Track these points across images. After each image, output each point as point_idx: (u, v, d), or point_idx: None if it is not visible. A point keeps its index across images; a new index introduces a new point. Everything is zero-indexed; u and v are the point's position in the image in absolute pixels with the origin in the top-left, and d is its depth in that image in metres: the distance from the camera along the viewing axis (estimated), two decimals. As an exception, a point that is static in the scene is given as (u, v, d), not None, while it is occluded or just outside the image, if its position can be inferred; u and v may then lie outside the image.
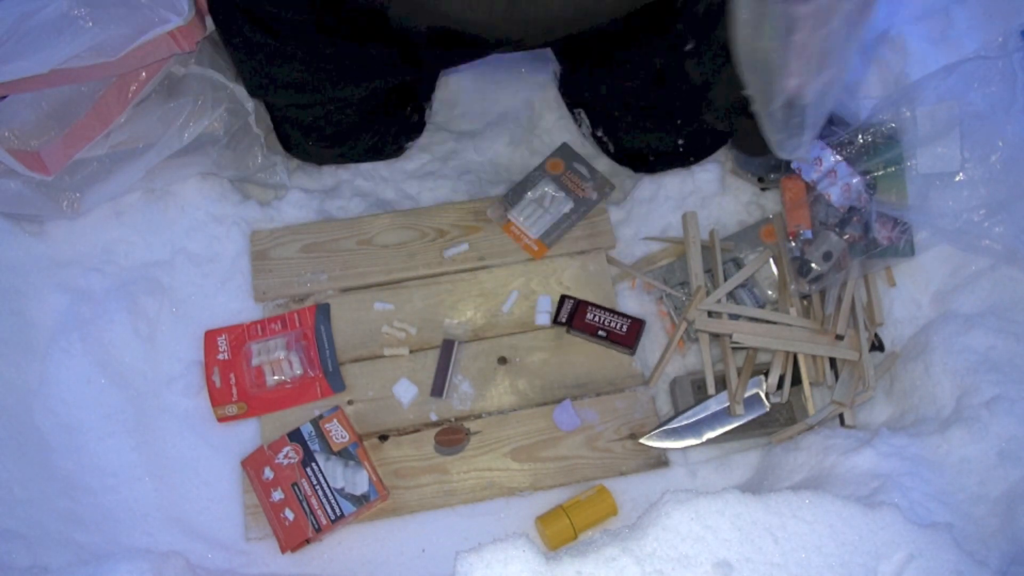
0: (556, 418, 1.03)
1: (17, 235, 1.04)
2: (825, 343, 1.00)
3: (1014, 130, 0.99)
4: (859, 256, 1.01)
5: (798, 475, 0.93)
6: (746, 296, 1.08)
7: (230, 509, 0.98)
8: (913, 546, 0.74)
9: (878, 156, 1.03)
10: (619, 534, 0.75)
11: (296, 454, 0.98)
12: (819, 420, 0.98)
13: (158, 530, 0.96)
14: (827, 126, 1.07)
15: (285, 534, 0.95)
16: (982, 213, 0.99)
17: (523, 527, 0.98)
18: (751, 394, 1.01)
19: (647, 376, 1.06)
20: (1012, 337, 0.95)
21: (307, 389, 1.03)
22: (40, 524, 0.91)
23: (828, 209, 1.04)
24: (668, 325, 1.09)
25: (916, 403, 0.97)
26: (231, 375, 1.03)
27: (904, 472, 0.85)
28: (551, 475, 1.00)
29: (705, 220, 1.13)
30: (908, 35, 1.13)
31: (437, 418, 1.03)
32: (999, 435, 0.87)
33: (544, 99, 1.24)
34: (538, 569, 0.70)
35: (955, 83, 1.00)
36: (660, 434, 1.01)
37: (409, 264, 1.11)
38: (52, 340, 1.01)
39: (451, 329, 1.08)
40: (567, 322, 1.05)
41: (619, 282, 1.11)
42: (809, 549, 0.73)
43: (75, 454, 0.97)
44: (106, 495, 0.96)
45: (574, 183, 1.15)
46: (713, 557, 0.72)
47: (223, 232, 1.11)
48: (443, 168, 1.20)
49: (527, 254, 1.12)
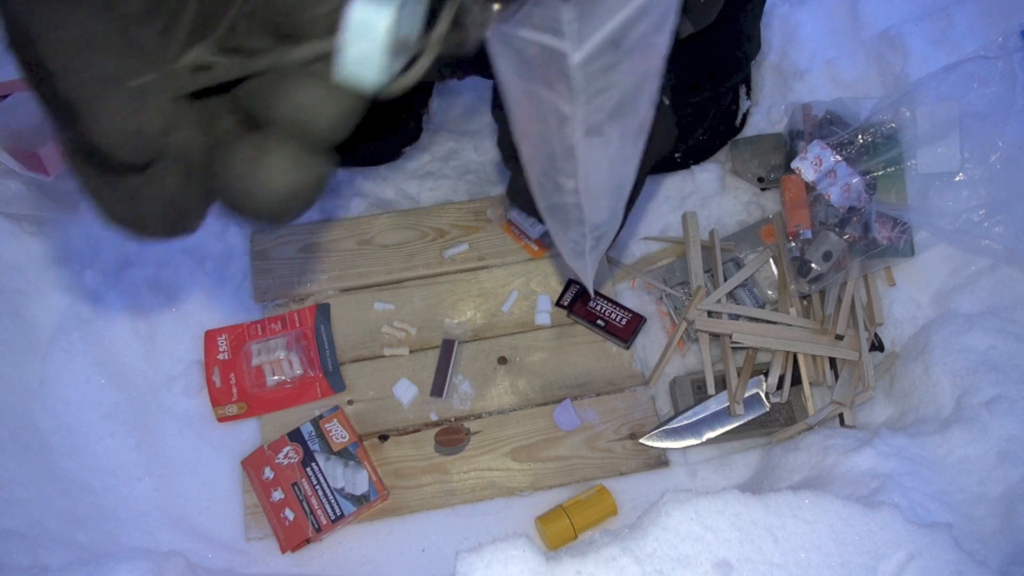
0: (556, 418, 1.03)
1: (17, 235, 1.04)
2: (825, 343, 1.00)
3: (1014, 130, 0.99)
4: (859, 256, 1.01)
5: (798, 475, 0.93)
6: (746, 296, 1.08)
7: (230, 509, 0.98)
8: (913, 546, 0.74)
9: (878, 156, 1.03)
10: (619, 534, 0.75)
11: (296, 454, 0.98)
12: (819, 420, 0.98)
13: (158, 530, 0.96)
14: (827, 126, 1.07)
15: (285, 534, 0.95)
16: (982, 213, 0.99)
17: (523, 527, 0.98)
18: (751, 394, 1.01)
19: (647, 376, 1.06)
20: (1012, 337, 0.95)
21: (307, 389, 1.03)
22: (40, 524, 0.91)
23: (828, 209, 1.04)
24: (668, 325, 1.09)
25: (916, 403, 0.97)
26: (231, 375, 1.03)
27: (904, 472, 0.85)
28: (551, 475, 1.01)
29: (705, 220, 1.13)
30: (908, 35, 1.13)
31: (437, 418, 1.03)
32: (999, 435, 0.87)
33: (544, 99, 1.24)
34: (538, 569, 0.70)
35: (955, 83, 1.00)
36: (660, 434, 1.01)
37: (409, 264, 1.11)
38: (52, 340, 1.01)
39: (451, 329, 1.08)
40: (569, 306, 1.06)
41: (619, 282, 1.11)
42: (809, 549, 0.73)
43: (75, 454, 0.97)
44: (106, 495, 0.96)
45: (574, 183, 1.14)
46: (713, 557, 0.72)
47: (223, 232, 1.11)
48: (443, 168, 1.20)
49: (527, 254, 1.12)
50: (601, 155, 0.54)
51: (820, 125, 1.08)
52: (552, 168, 0.56)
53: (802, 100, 1.13)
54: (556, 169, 0.56)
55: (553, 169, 0.56)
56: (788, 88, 1.18)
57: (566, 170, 0.55)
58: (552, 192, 0.60)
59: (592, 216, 0.62)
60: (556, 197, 0.61)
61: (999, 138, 0.99)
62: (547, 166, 0.57)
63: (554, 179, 0.58)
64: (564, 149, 0.53)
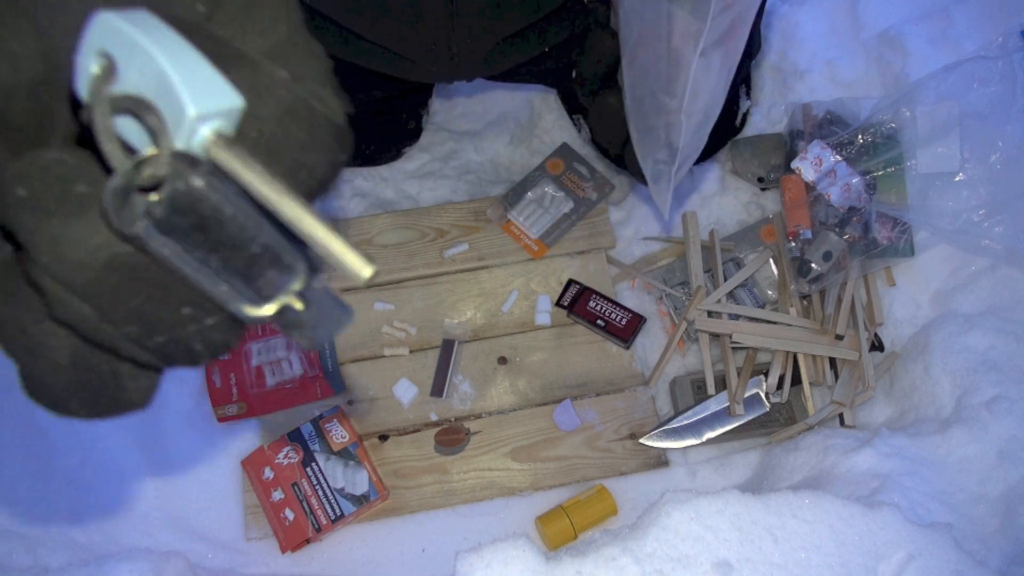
0: (556, 418, 1.03)
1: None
2: (825, 343, 1.00)
3: (1014, 130, 0.99)
4: (859, 256, 1.01)
5: (798, 475, 0.93)
6: (746, 296, 1.08)
7: (230, 509, 0.98)
8: (913, 546, 0.74)
9: (878, 156, 1.03)
10: (619, 534, 0.75)
11: (296, 454, 0.98)
12: (819, 420, 0.98)
13: (158, 530, 0.96)
14: (827, 126, 1.07)
15: (285, 534, 0.95)
16: (982, 213, 0.99)
17: (523, 527, 0.98)
18: (751, 394, 1.01)
19: (647, 376, 1.06)
20: (1012, 337, 0.95)
21: (307, 389, 1.03)
22: (40, 524, 0.92)
23: (828, 209, 1.04)
24: (668, 325, 1.09)
25: (916, 403, 0.97)
26: (231, 375, 1.03)
27: (904, 472, 0.85)
28: (551, 475, 1.01)
29: (705, 220, 1.13)
30: (908, 35, 1.13)
31: (437, 418, 1.03)
32: (999, 435, 0.87)
33: (544, 99, 1.24)
34: (538, 569, 0.70)
35: (955, 83, 1.00)
36: (660, 434, 1.01)
37: (409, 264, 1.11)
38: (52, 340, 1.01)
39: (451, 329, 1.08)
40: (569, 306, 1.06)
41: (619, 282, 1.11)
42: (809, 549, 0.73)
43: (76, 453, 0.97)
44: (106, 495, 0.96)
45: (574, 183, 1.15)
46: (713, 557, 0.72)
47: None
48: (443, 168, 1.20)
49: (527, 254, 1.12)
50: (704, 77, 0.61)
51: (820, 125, 1.08)
52: (659, 87, 0.63)
53: (802, 100, 1.13)
54: (662, 88, 0.63)
55: (660, 88, 0.63)
56: (788, 88, 1.18)
57: (672, 90, 0.62)
58: (651, 112, 0.66)
59: (685, 136, 0.68)
60: (654, 118, 0.67)
61: (999, 138, 0.99)
62: (655, 85, 0.64)
63: (658, 98, 0.64)
64: (674, 68, 0.60)
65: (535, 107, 1.24)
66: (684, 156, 0.72)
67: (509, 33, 0.90)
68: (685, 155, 0.72)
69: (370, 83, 1.01)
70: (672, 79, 0.61)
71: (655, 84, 0.64)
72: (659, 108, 0.65)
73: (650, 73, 0.64)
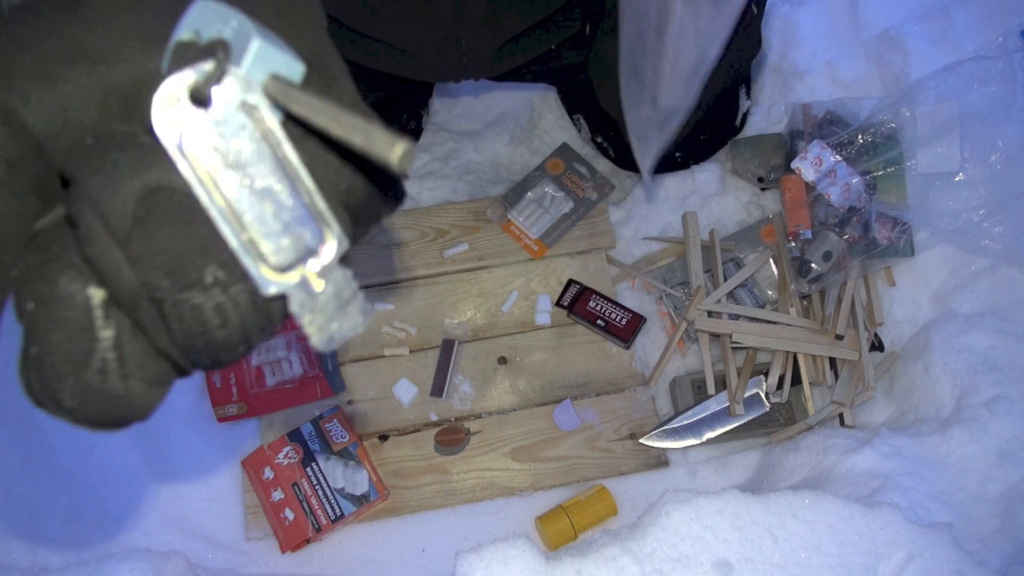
0: (556, 418, 1.03)
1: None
2: (825, 343, 1.00)
3: (1014, 130, 0.99)
4: (859, 256, 1.01)
5: (798, 475, 0.93)
6: (746, 296, 1.08)
7: (230, 509, 0.98)
8: (913, 546, 0.74)
9: (878, 156, 1.03)
10: (619, 534, 0.75)
11: (296, 454, 0.98)
12: (819, 420, 0.98)
13: (158, 530, 0.96)
14: (827, 126, 1.07)
15: (285, 534, 0.95)
16: (982, 213, 0.99)
17: (523, 527, 0.98)
18: (751, 394, 1.01)
19: (647, 376, 1.06)
20: (1012, 337, 0.95)
21: (307, 389, 1.03)
22: (40, 523, 0.92)
23: (828, 209, 1.04)
24: (668, 325, 1.09)
25: (916, 403, 0.97)
26: (231, 375, 1.03)
27: (904, 472, 0.85)
28: (551, 475, 1.01)
29: (705, 220, 1.13)
30: (908, 35, 1.13)
31: (437, 418, 1.03)
32: (999, 435, 0.87)
33: (544, 99, 1.24)
34: (538, 569, 0.70)
35: (955, 83, 1.00)
36: (660, 434, 1.01)
37: (409, 264, 1.11)
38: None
39: (451, 329, 1.08)
40: (569, 306, 1.06)
41: (619, 282, 1.11)
42: (809, 549, 0.73)
43: (76, 453, 0.97)
44: (106, 494, 0.96)
45: (574, 183, 1.15)
46: (713, 557, 0.72)
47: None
48: (443, 168, 1.20)
49: (527, 254, 1.12)
50: (691, 24, 0.59)
51: (820, 125, 1.08)
52: (647, 27, 0.61)
53: (802, 100, 1.13)
54: (651, 29, 0.61)
55: (648, 28, 0.61)
56: (788, 88, 1.18)
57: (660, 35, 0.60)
58: (639, 61, 0.64)
59: (669, 85, 0.66)
60: (641, 68, 0.65)
61: (999, 138, 0.99)
62: (643, 24, 0.62)
63: (645, 42, 0.62)
64: (663, 14, 0.58)
65: (535, 107, 1.24)
66: (669, 112, 0.69)
67: (517, 31, 0.89)
68: (670, 110, 0.69)
69: (371, 83, 1.01)
70: (661, 25, 0.59)
71: (643, 24, 0.62)
72: (645, 54, 0.63)
73: (640, 16, 0.62)
